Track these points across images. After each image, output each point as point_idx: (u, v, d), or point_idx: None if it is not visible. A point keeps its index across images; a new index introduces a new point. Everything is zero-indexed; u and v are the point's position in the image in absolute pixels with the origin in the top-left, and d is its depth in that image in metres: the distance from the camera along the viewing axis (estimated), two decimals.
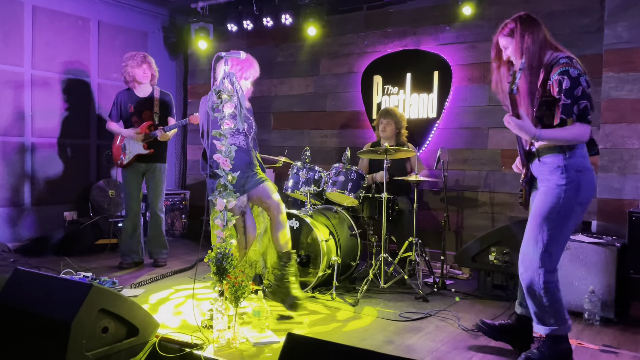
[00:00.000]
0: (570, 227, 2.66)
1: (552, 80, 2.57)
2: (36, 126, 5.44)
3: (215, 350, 2.75)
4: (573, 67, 2.55)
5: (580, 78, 2.53)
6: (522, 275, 2.72)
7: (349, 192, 4.08)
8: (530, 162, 2.77)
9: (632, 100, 4.04)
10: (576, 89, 2.51)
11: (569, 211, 2.60)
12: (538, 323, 2.69)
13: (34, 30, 5.37)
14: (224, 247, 2.92)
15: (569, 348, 2.68)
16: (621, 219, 3.85)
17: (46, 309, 2.55)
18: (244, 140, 3.50)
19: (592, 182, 2.67)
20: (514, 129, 2.56)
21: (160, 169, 4.75)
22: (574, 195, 2.59)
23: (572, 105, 2.51)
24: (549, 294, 2.63)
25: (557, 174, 2.61)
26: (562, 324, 2.65)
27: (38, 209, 5.49)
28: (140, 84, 4.66)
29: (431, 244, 5.02)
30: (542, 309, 2.66)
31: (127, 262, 4.70)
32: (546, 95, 2.62)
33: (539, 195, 2.71)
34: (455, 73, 5.08)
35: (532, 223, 2.68)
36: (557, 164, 2.61)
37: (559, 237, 2.63)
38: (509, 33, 2.71)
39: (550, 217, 2.61)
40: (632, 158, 4.04)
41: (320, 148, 5.86)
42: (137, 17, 6.35)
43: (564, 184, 2.59)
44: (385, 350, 2.88)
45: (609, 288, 3.47)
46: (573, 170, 2.60)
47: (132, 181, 4.67)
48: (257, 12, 5.84)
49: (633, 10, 4.04)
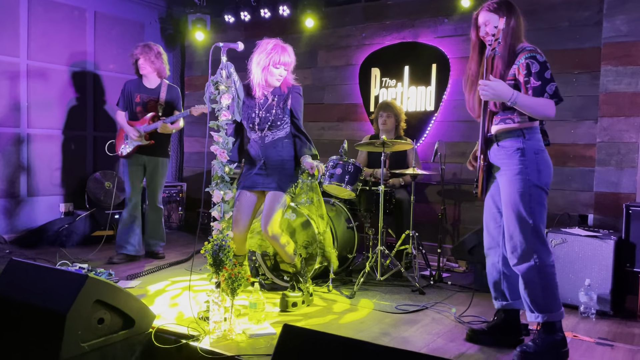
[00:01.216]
0: (545, 204, 2.70)
1: (519, 64, 2.64)
2: (32, 117, 5.41)
3: (212, 341, 2.75)
4: (539, 54, 2.62)
5: (547, 64, 2.61)
6: (517, 267, 2.71)
7: (346, 185, 4.06)
8: (488, 149, 2.80)
9: (630, 93, 4.04)
10: (545, 71, 2.59)
11: (539, 190, 2.65)
12: (533, 312, 2.69)
13: (30, 21, 5.33)
14: (221, 239, 2.92)
15: (563, 338, 2.69)
16: (618, 213, 3.85)
17: (41, 300, 2.54)
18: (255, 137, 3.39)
19: (549, 164, 2.72)
20: (490, 92, 2.58)
21: (162, 163, 4.70)
22: (537, 177, 2.64)
23: (544, 86, 2.57)
24: (547, 279, 2.65)
25: (516, 157, 2.67)
26: (557, 310, 2.67)
27: (34, 200, 5.47)
28: (146, 76, 4.62)
29: (428, 236, 5.02)
30: (539, 296, 2.65)
31: (120, 255, 4.59)
32: (510, 79, 2.67)
33: (505, 186, 2.73)
34: (453, 66, 5.06)
35: (511, 214, 2.69)
36: (516, 146, 2.67)
37: (541, 219, 2.67)
38: (494, 9, 2.72)
39: (527, 202, 2.64)
40: (629, 152, 4.04)
41: (318, 140, 5.83)
42: (133, 8, 6.30)
43: (525, 167, 2.64)
44: (382, 342, 2.88)
45: (605, 281, 3.47)
46: (531, 152, 2.66)
47: (133, 172, 4.62)
48: (255, 3, 5.81)
49: (632, 4, 4.03)
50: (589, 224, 4.12)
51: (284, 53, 3.28)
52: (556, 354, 2.66)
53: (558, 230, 3.72)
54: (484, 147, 2.80)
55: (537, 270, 2.64)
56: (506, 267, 2.85)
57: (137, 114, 4.62)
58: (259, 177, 3.38)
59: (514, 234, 2.69)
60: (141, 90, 4.63)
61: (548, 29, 4.51)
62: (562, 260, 3.62)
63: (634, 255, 3.55)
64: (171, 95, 4.71)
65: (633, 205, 3.61)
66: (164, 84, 4.70)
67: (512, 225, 2.69)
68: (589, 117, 4.35)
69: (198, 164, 6.81)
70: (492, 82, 2.58)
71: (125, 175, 4.67)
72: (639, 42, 4.01)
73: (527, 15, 2.87)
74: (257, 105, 3.37)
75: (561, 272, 3.62)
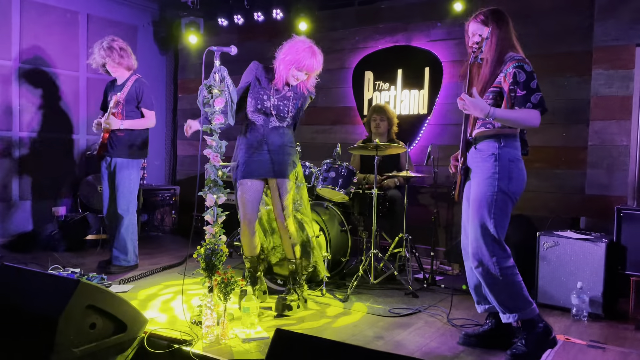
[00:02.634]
0: (509, 213, 2.72)
1: (506, 72, 2.66)
2: (24, 120, 5.38)
3: (204, 346, 2.74)
4: (527, 64, 2.64)
5: (534, 74, 2.64)
6: (476, 270, 2.75)
7: (339, 188, 4.07)
8: (467, 151, 2.84)
9: (620, 97, 4.07)
10: (531, 81, 2.62)
11: (505, 197, 2.68)
12: (504, 312, 2.73)
13: (22, 24, 5.31)
14: (214, 243, 2.91)
15: (545, 326, 2.73)
16: (609, 216, 3.87)
17: (33, 305, 2.52)
18: (261, 121, 3.39)
19: (523, 174, 2.75)
20: (469, 106, 2.62)
21: (120, 164, 4.31)
22: (507, 184, 2.67)
23: (529, 95, 2.60)
24: (507, 280, 2.68)
25: (490, 162, 2.70)
26: (528, 307, 2.70)
27: (26, 204, 5.44)
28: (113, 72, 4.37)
29: (421, 239, 5.03)
30: (505, 298, 2.70)
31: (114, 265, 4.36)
32: (495, 86, 2.70)
33: (473, 188, 2.76)
34: (446, 69, 5.08)
35: (474, 217, 2.73)
36: (491, 151, 2.71)
37: (502, 223, 2.69)
38: (482, 21, 2.76)
39: (490, 206, 2.67)
40: (620, 155, 4.07)
41: (311, 144, 5.85)
42: (127, 10, 6.29)
43: (496, 172, 2.67)
44: (375, 345, 2.88)
45: (596, 284, 3.49)
46: (506, 159, 2.69)
47: (103, 175, 4.41)
48: (248, 7, 5.81)
49: (622, 8, 4.06)
50: (581, 227, 4.14)
51: (312, 58, 3.31)
52: (545, 345, 2.70)
53: (550, 233, 3.74)
54: (464, 150, 2.85)
55: (497, 273, 2.67)
56: None
57: (114, 114, 4.31)
58: (262, 164, 3.37)
59: (475, 237, 2.73)
60: (115, 89, 4.41)
61: (540, 33, 4.53)
62: (554, 263, 3.64)
63: (625, 258, 3.57)
64: (134, 91, 4.33)
65: (624, 208, 3.63)
66: (131, 79, 4.37)
67: (474, 228, 2.74)
68: (581, 121, 4.38)
69: (192, 167, 6.80)
70: (469, 99, 2.61)
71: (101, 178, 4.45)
72: (629, 46, 4.04)
73: (519, 20, 2.90)
74: (273, 91, 3.40)
75: (553, 274, 3.65)
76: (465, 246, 2.92)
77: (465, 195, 2.90)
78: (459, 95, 2.65)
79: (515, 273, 2.71)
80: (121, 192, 4.32)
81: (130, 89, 4.33)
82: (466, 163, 2.85)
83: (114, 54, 4.28)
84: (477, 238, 2.71)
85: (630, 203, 3.99)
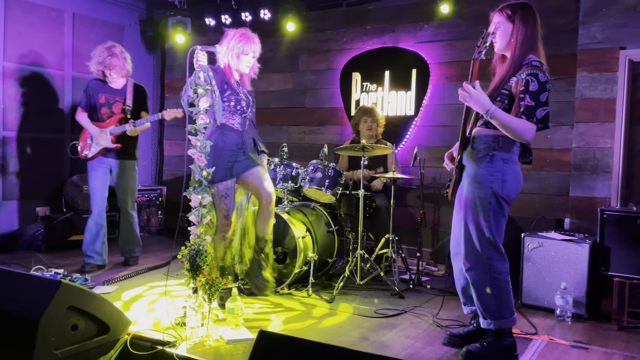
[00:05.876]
0: (506, 214, 2.67)
1: (519, 77, 2.58)
2: (8, 119, 5.31)
3: (188, 348, 2.72)
4: (542, 73, 2.56)
5: (547, 85, 2.56)
6: (467, 272, 2.70)
7: (326, 189, 4.07)
8: (464, 149, 2.76)
9: (605, 100, 4.11)
10: (542, 94, 2.54)
11: (499, 200, 2.62)
12: (486, 319, 2.69)
13: (6, 22, 5.23)
14: (198, 244, 2.89)
15: (512, 343, 2.70)
16: (593, 217, 3.91)
17: (14, 306, 2.49)
18: (239, 122, 3.46)
19: (518, 176, 2.68)
20: (470, 99, 2.53)
21: (130, 166, 4.53)
22: (500, 186, 2.61)
23: (536, 108, 2.53)
24: (499, 287, 2.64)
25: (484, 161, 2.63)
26: (509, 316, 2.67)
27: (10, 204, 5.37)
28: (112, 77, 4.45)
29: (408, 240, 5.05)
30: (492, 303, 2.65)
31: (89, 264, 4.41)
32: (506, 88, 2.63)
33: (466, 188, 2.70)
34: (433, 71, 5.10)
35: (469, 219, 2.67)
36: (487, 152, 2.64)
37: (498, 225, 2.64)
38: (508, 16, 2.64)
39: (484, 209, 2.61)
40: (604, 157, 4.11)
41: (299, 144, 5.84)
42: (113, 9, 6.24)
43: (490, 174, 2.61)
44: (360, 346, 2.88)
45: (580, 285, 3.52)
46: (500, 160, 2.62)
47: (98, 177, 4.44)
48: (236, 7, 5.78)
49: (607, 11, 4.09)
50: (565, 228, 4.17)
51: (251, 38, 3.45)
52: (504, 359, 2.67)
53: (534, 234, 3.77)
54: (461, 147, 2.77)
55: (490, 278, 2.63)
56: None
57: (102, 115, 4.42)
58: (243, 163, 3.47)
59: (469, 238, 2.68)
60: (105, 90, 4.44)
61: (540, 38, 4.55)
62: (539, 264, 3.66)
63: (608, 259, 3.61)
64: (138, 96, 4.53)
65: (608, 209, 3.67)
66: (129, 84, 4.51)
67: (467, 230, 2.69)
68: (565, 123, 4.42)
69: (178, 168, 6.76)
70: (473, 91, 2.52)
71: (90, 179, 4.47)
72: (613, 48, 4.08)
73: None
74: (239, 88, 3.49)
75: (537, 275, 3.67)
76: (455, 246, 2.89)
77: (458, 196, 2.84)
78: (445, 97, 2.62)
79: (507, 280, 2.66)
80: (131, 192, 4.55)
81: (134, 94, 4.51)
82: (461, 161, 2.78)
83: (119, 60, 4.41)
84: (470, 240, 2.66)
85: (614, 204, 4.03)
